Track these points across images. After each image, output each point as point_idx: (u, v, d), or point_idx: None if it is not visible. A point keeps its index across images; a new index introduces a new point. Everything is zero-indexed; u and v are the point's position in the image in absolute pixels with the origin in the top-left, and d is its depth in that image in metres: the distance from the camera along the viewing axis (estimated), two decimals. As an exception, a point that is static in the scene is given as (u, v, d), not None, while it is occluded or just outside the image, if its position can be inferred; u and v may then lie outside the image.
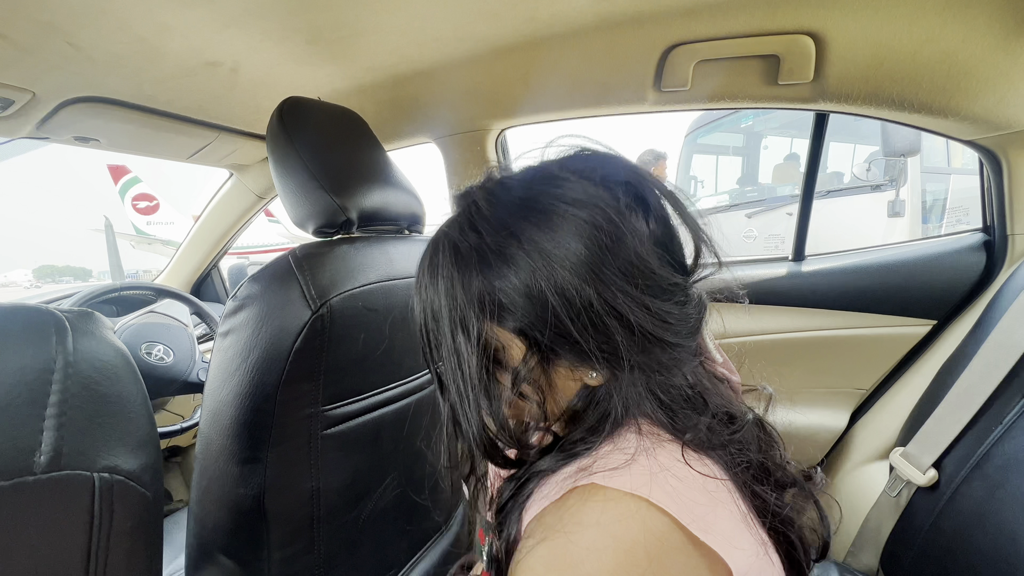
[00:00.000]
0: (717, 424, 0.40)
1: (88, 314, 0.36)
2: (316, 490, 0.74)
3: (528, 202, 0.40)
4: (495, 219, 0.40)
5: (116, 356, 0.36)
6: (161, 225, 11.36)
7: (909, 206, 3.20)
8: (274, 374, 0.67)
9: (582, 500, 0.35)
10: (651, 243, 0.40)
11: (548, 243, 0.38)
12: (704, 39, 0.82)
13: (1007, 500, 0.66)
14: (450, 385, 0.44)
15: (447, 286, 0.41)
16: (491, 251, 0.39)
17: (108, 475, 0.33)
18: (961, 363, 0.81)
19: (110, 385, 0.34)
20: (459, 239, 0.41)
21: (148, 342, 1.24)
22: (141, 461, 0.36)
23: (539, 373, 0.41)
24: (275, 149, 0.77)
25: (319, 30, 0.82)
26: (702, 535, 0.33)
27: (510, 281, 0.38)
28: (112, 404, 0.34)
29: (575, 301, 0.37)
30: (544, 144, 0.46)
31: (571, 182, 0.40)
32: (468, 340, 0.40)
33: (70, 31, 0.72)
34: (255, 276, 0.70)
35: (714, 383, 0.44)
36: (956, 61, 0.73)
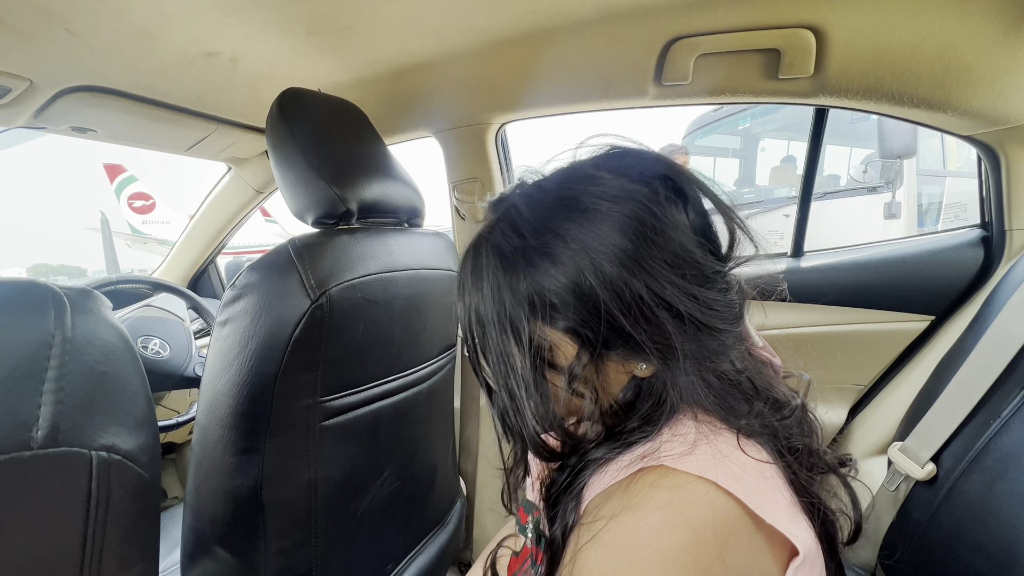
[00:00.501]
0: (767, 410, 0.41)
1: (88, 292, 0.35)
2: (314, 482, 0.74)
3: (568, 201, 0.41)
4: (537, 220, 0.41)
5: (115, 336, 0.36)
6: (157, 224, 11.30)
7: (905, 208, 3.22)
8: (272, 364, 0.67)
9: (652, 481, 0.36)
10: (692, 233, 0.41)
11: (593, 240, 0.38)
12: (705, 33, 0.82)
13: (1005, 493, 0.66)
14: (500, 389, 0.44)
15: (493, 290, 0.41)
16: (536, 251, 0.40)
17: (106, 454, 0.32)
18: (959, 358, 0.81)
19: (109, 364, 0.34)
20: (502, 242, 0.41)
21: (144, 336, 1.23)
22: (139, 441, 0.35)
23: (591, 369, 0.41)
24: (275, 139, 0.77)
25: (319, 20, 0.81)
26: (766, 517, 0.34)
27: (558, 280, 0.39)
28: (111, 383, 0.34)
29: (625, 295, 0.38)
30: (575, 145, 0.47)
31: (607, 179, 0.41)
32: (519, 343, 0.41)
33: (69, 18, 0.71)
34: (254, 265, 0.70)
35: (758, 366, 0.45)
36: (955, 55, 0.74)
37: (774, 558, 0.35)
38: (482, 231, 0.45)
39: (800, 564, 0.36)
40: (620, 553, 0.33)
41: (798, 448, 0.41)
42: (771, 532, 0.35)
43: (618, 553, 0.33)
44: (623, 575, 0.32)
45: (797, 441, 0.41)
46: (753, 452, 0.38)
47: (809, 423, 0.46)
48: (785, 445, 0.40)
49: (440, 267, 0.92)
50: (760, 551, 0.35)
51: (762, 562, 0.35)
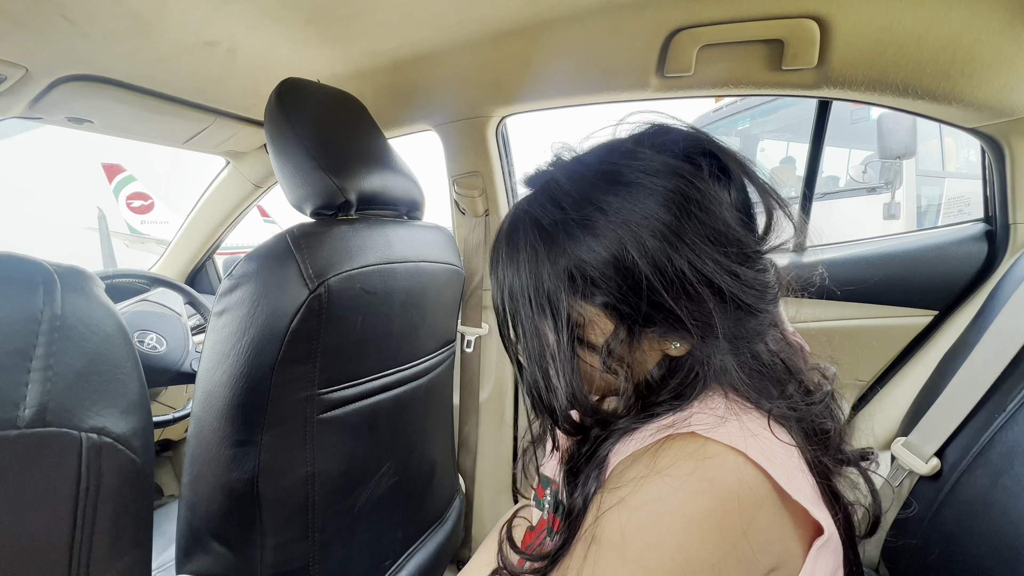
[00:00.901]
0: (797, 394, 0.41)
1: (79, 271, 0.34)
2: (311, 475, 0.73)
3: (610, 175, 0.40)
4: (578, 193, 0.40)
5: (107, 316, 0.35)
6: (156, 224, 11.26)
7: (904, 209, 3.23)
8: (270, 354, 0.66)
9: (681, 447, 0.35)
10: (734, 211, 0.40)
11: (635, 213, 0.38)
12: (708, 23, 0.81)
13: (1010, 488, 0.65)
14: (531, 365, 0.44)
15: (531, 264, 0.41)
16: (577, 224, 0.39)
17: (96, 436, 0.31)
18: (963, 352, 0.81)
19: (100, 344, 0.33)
20: (541, 215, 0.41)
21: (141, 331, 1.22)
22: (131, 425, 0.34)
23: (626, 346, 0.41)
24: (273, 129, 0.76)
25: (319, 9, 0.80)
26: (794, 494, 0.34)
27: (599, 254, 0.38)
28: (101, 363, 0.33)
29: (667, 270, 0.37)
30: (615, 122, 0.46)
31: (649, 155, 0.41)
32: (555, 317, 0.40)
33: (64, 4, 0.70)
34: (251, 255, 0.69)
35: (791, 351, 0.45)
36: (960, 47, 0.73)
37: (798, 536, 0.35)
38: (520, 205, 0.45)
39: (824, 544, 0.36)
40: (644, 515, 0.33)
41: (826, 434, 0.41)
42: (797, 510, 0.35)
43: (642, 515, 0.33)
44: (646, 536, 0.32)
45: (823, 427, 0.41)
46: (781, 435, 0.37)
47: (834, 413, 0.45)
48: (812, 431, 0.40)
49: (440, 260, 0.92)
50: (785, 527, 0.34)
51: (786, 538, 0.35)
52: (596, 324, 0.41)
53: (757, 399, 0.39)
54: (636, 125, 0.45)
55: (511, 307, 0.44)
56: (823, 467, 0.39)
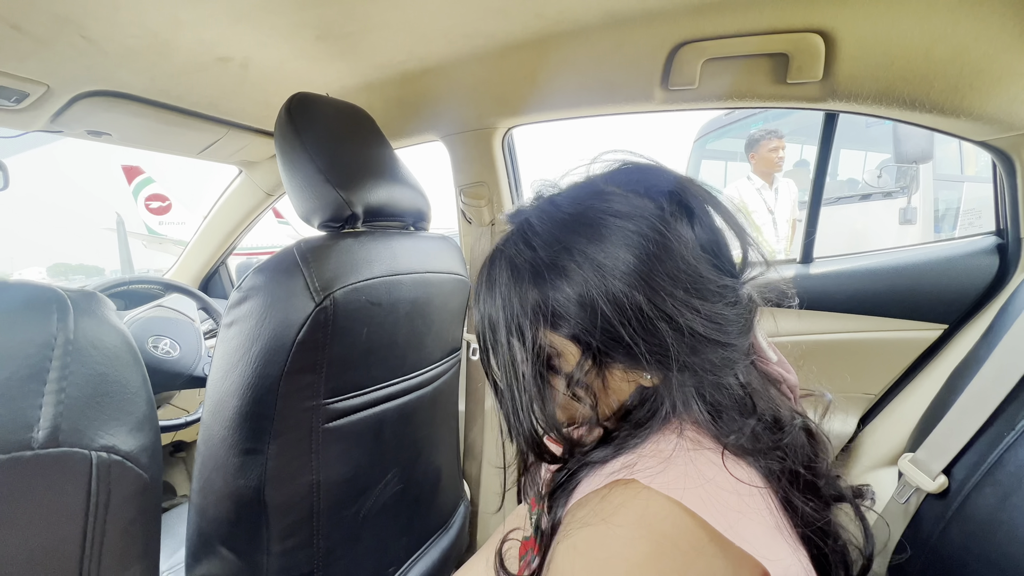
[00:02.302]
0: (762, 429, 0.41)
1: (91, 295, 0.36)
2: (316, 483, 0.74)
3: (578, 217, 0.43)
4: (547, 234, 0.43)
5: (117, 338, 0.36)
6: (173, 225, 11.48)
7: (921, 214, 3.17)
8: (277, 365, 0.68)
9: (623, 494, 0.37)
10: (697, 248, 0.42)
11: (599, 254, 0.40)
12: (712, 37, 0.81)
13: (1019, 508, 0.64)
14: (506, 390, 0.46)
15: (504, 298, 0.44)
16: (545, 265, 0.42)
17: (106, 454, 0.33)
18: (972, 368, 0.79)
19: (110, 365, 0.34)
20: (514, 254, 0.44)
21: (155, 336, 1.25)
22: (140, 442, 0.36)
23: (593, 376, 0.43)
24: (282, 143, 0.78)
25: (328, 26, 0.82)
26: (735, 539, 0.35)
27: (564, 292, 0.41)
28: (111, 384, 0.34)
29: (626, 307, 0.39)
30: (589, 160, 0.49)
31: (617, 195, 0.43)
32: (523, 346, 0.43)
33: (84, 24, 0.73)
34: (260, 267, 0.70)
35: (765, 385, 0.45)
36: (968, 60, 0.72)
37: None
38: (498, 243, 0.48)
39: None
40: (589, 560, 0.35)
41: (796, 471, 0.41)
42: (740, 554, 0.35)
43: (587, 559, 0.35)
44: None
45: (794, 464, 0.41)
46: (739, 471, 0.38)
47: (815, 446, 0.45)
48: (779, 467, 0.40)
49: (445, 271, 0.93)
50: (726, 570, 0.35)
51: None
52: (565, 353, 0.43)
53: (714, 431, 0.40)
54: (608, 164, 0.47)
55: (490, 337, 0.46)
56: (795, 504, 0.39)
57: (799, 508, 0.39)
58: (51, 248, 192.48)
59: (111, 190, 28.89)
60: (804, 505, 0.40)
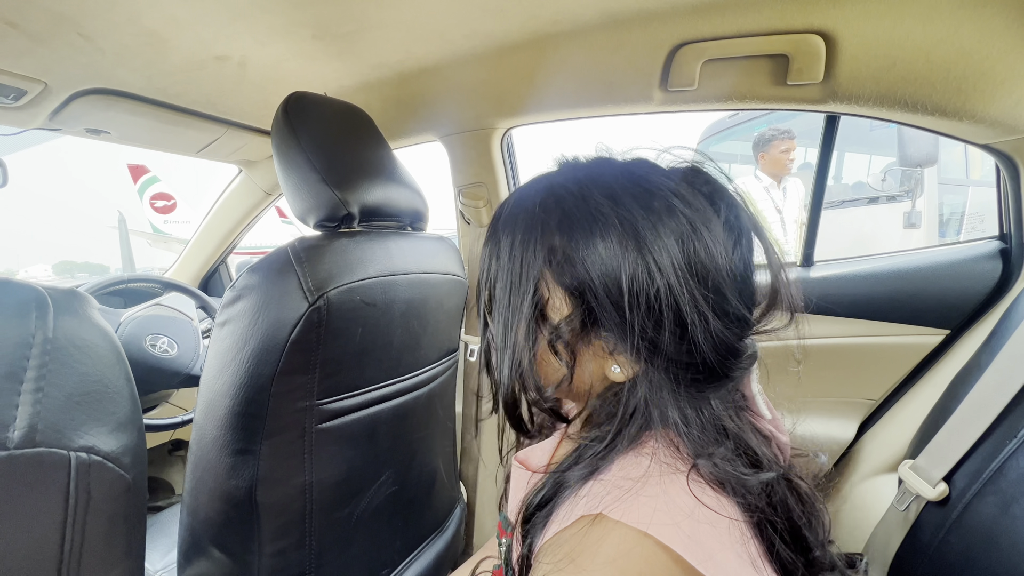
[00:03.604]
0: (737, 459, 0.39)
1: (73, 293, 0.36)
2: (309, 484, 0.74)
3: (640, 182, 0.41)
4: (601, 185, 0.41)
5: (99, 336, 0.36)
6: (178, 224, 11.53)
7: (925, 218, 3.15)
8: (269, 365, 0.67)
9: (591, 531, 0.35)
10: (731, 270, 0.41)
11: (645, 225, 0.39)
12: (711, 38, 0.80)
13: (1020, 517, 0.63)
14: (494, 324, 0.45)
15: (527, 229, 0.42)
16: (584, 212, 0.40)
17: (86, 455, 0.32)
18: (974, 374, 0.78)
19: (91, 364, 0.34)
20: (559, 190, 0.42)
21: (153, 334, 1.25)
22: (122, 443, 0.35)
23: (576, 338, 0.42)
24: (279, 142, 0.77)
25: (325, 25, 0.82)
26: (707, 573, 0.33)
27: (591, 246, 0.39)
28: (93, 383, 0.34)
29: (644, 284, 0.38)
30: (661, 148, 0.47)
31: (684, 185, 0.42)
32: (525, 279, 0.42)
33: (81, 22, 0.73)
34: (253, 267, 0.70)
35: (753, 435, 0.43)
36: (972, 62, 0.71)
37: None
38: (552, 174, 0.46)
39: None
40: None
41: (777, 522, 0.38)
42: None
43: None
44: None
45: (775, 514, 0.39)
46: (711, 502, 0.36)
47: (807, 507, 0.42)
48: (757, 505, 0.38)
49: (442, 271, 0.92)
50: None
51: None
52: (556, 303, 0.42)
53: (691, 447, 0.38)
54: (677, 159, 0.46)
55: (494, 264, 0.45)
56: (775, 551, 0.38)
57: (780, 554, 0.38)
58: (57, 246, 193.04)
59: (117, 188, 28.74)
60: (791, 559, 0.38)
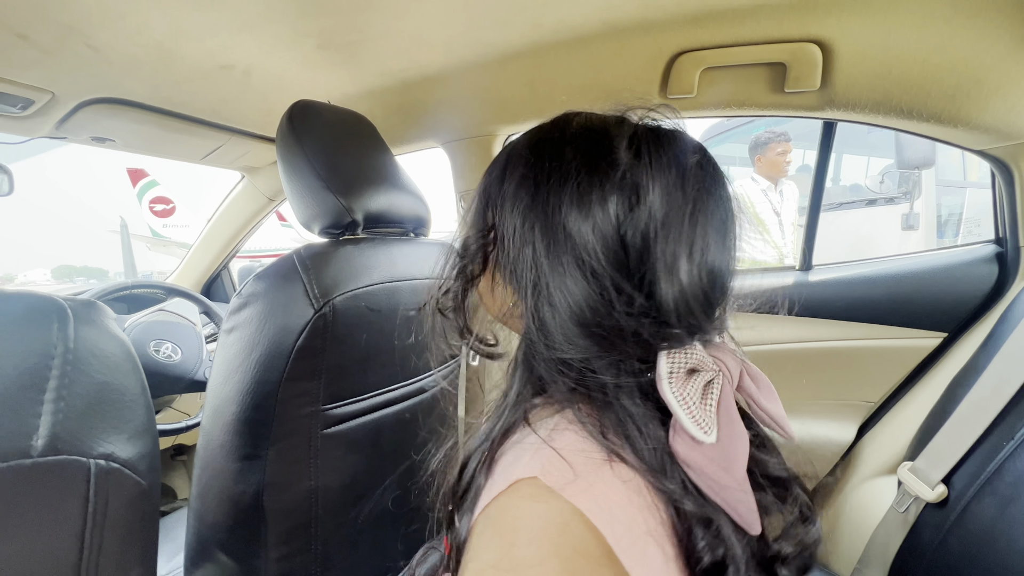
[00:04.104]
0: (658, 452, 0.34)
1: (91, 304, 0.37)
2: (315, 489, 0.75)
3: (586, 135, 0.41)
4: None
5: (117, 346, 0.37)
6: (177, 228, 11.52)
7: (923, 219, 3.16)
8: (276, 371, 0.68)
9: (522, 499, 0.32)
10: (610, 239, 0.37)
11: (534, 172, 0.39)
12: (710, 47, 0.82)
13: (1018, 518, 0.64)
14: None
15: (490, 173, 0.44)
16: (517, 156, 0.41)
17: (104, 462, 0.33)
18: (972, 377, 0.79)
19: (109, 374, 0.35)
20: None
21: (157, 340, 1.25)
22: (138, 450, 0.36)
23: (489, 257, 0.42)
24: (284, 151, 0.78)
25: (329, 35, 0.83)
26: (628, 562, 0.30)
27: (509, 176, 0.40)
28: (110, 392, 0.35)
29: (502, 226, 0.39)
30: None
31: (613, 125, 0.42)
32: (481, 203, 0.43)
33: (89, 34, 0.74)
34: (260, 274, 0.71)
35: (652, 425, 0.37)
36: (966, 69, 0.72)
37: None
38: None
39: None
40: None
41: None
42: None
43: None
44: None
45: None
46: (635, 493, 0.33)
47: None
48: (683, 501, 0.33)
49: (445, 276, 0.93)
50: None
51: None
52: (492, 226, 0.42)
53: (599, 429, 0.35)
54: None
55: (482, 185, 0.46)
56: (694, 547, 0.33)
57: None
58: (56, 250, 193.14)
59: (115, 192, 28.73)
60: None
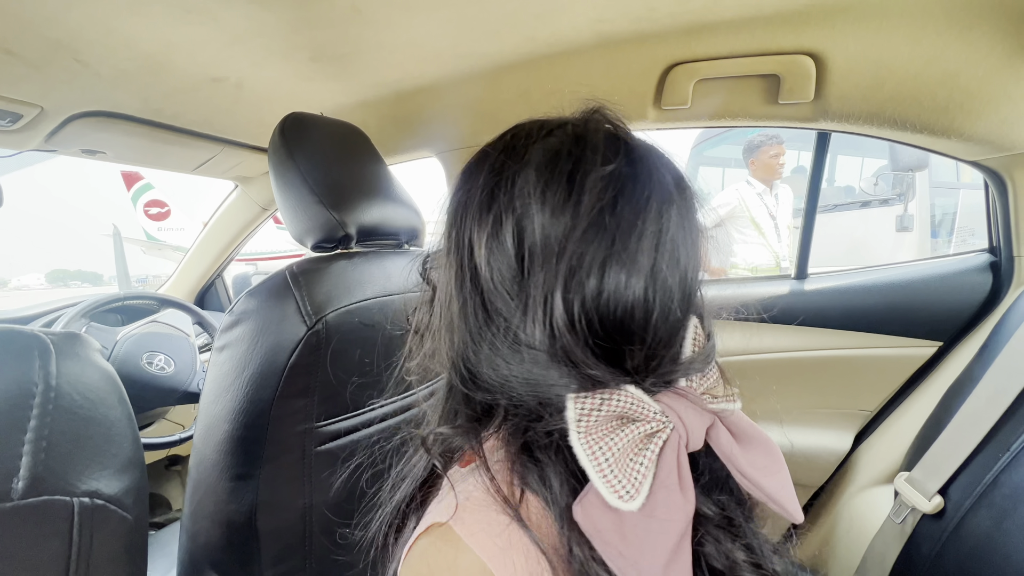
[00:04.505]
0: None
1: (74, 336, 0.36)
2: (309, 507, 0.74)
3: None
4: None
5: (101, 378, 0.36)
6: (172, 231, 11.46)
7: (918, 220, 3.18)
8: (268, 390, 0.67)
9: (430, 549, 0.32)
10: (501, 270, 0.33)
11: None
12: (704, 58, 0.82)
13: (1014, 531, 0.64)
14: None
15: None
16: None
17: (88, 500, 0.33)
18: (967, 387, 0.79)
19: (93, 408, 0.34)
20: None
21: (150, 352, 1.24)
22: (124, 484, 0.35)
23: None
24: (276, 164, 0.78)
25: (321, 47, 0.82)
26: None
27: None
28: (95, 427, 0.34)
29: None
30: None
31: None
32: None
33: (78, 48, 0.73)
34: (251, 291, 0.70)
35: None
36: (958, 82, 0.73)
37: None
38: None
39: None
40: None
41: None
42: None
43: None
44: None
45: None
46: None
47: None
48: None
49: (439, 288, 0.92)
50: None
51: None
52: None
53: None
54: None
55: None
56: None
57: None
58: (50, 253, 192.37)
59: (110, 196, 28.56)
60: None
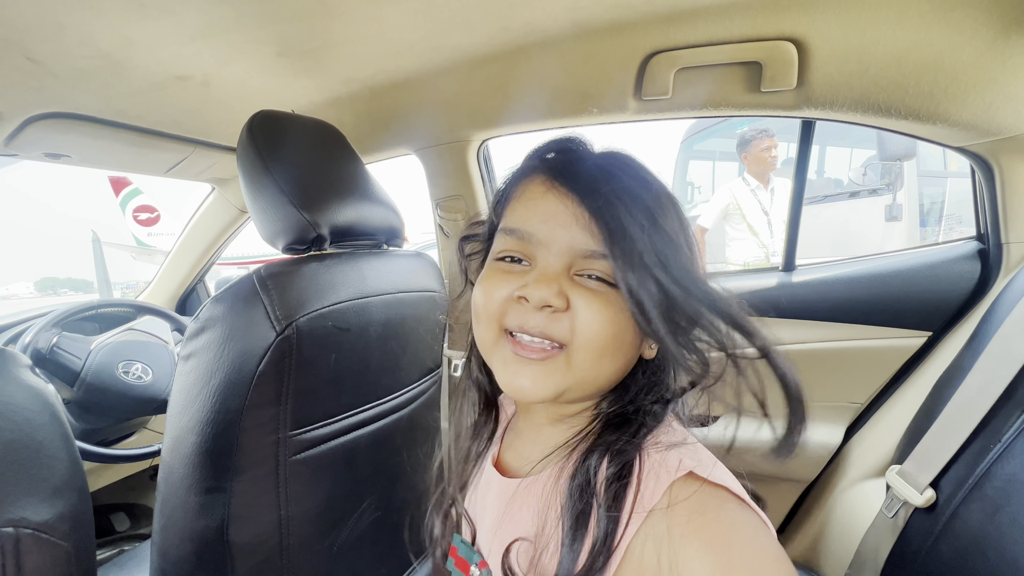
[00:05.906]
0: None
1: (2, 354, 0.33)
2: (285, 519, 0.71)
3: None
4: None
5: (27, 397, 0.33)
6: (162, 236, 11.34)
7: (906, 210, 3.19)
8: (237, 399, 0.65)
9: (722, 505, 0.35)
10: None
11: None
12: (684, 46, 0.79)
13: (1007, 524, 0.63)
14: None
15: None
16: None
17: (12, 529, 0.30)
18: (958, 377, 0.78)
19: (17, 431, 0.31)
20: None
21: (126, 361, 1.21)
22: (57, 510, 0.33)
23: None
24: (244, 164, 0.75)
25: (288, 42, 0.80)
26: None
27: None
28: (20, 451, 0.31)
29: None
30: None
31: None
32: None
33: (28, 46, 0.70)
34: (218, 297, 0.67)
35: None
36: (943, 66, 0.71)
37: None
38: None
39: None
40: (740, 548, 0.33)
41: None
42: None
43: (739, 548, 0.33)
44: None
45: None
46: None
47: None
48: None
49: (419, 289, 0.90)
50: None
51: None
52: None
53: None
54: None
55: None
56: None
57: None
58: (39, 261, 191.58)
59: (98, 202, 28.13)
60: None
